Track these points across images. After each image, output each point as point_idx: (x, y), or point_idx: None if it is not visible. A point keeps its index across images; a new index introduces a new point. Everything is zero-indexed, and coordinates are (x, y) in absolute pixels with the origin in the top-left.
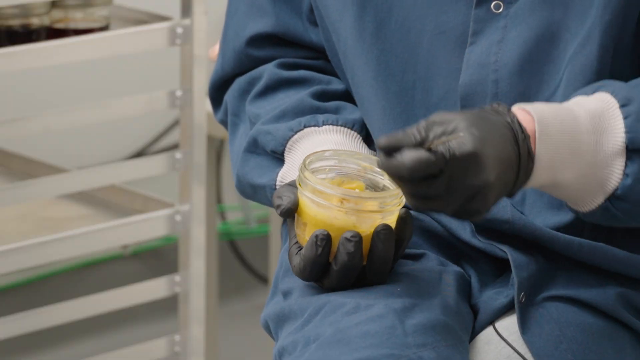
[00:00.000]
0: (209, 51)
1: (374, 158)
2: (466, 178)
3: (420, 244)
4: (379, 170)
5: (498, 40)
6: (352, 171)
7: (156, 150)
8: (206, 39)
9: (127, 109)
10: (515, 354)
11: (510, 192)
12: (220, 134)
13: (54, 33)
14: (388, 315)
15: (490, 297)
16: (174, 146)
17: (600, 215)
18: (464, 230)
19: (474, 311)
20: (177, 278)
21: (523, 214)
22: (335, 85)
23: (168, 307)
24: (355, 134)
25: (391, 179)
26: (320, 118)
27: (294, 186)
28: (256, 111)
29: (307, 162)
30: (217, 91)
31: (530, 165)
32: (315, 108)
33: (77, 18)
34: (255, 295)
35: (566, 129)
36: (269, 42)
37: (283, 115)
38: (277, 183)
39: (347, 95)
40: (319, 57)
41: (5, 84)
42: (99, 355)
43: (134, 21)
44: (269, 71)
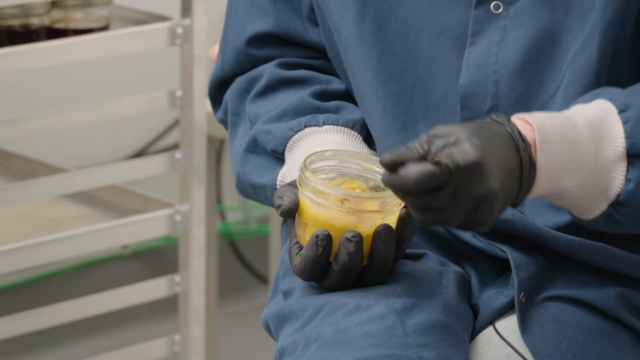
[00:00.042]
0: (209, 51)
1: (374, 158)
2: (470, 188)
3: (420, 244)
4: (379, 170)
5: (498, 40)
6: (353, 171)
7: (156, 150)
8: (206, 39)
9: (127, 109)
10: (515, 353)
11: (514, 202)
12: (220, 134)
13: (54, 33)
14: (388, 315)
15: (491, 297)
16: (174, 146)
17: (604, 222)
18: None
19: (474, 311)
20: (177, 278)
21: (523, 214)
22: (336, 85)
23: (168, 307)
24: (356, 133)
25: (396, 194)
26: (321, 118)
27: (295, 186)
28: (256, 111)
29: (308, 162)
30: (217, 91)
31: (533, 174)
32: (315, 108)
33: (77, 18)
34: (255, 295)
35: (566, 138)
36: (269, 42)
37: (283, 115)
38: (278, 183)
39: (348, 95)
40: (319, 57)
41: (5, 84)
42: (99, 355)
43: (134, 21)
44: (269, 71)
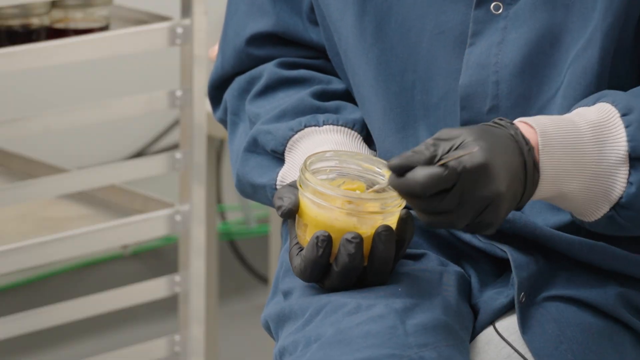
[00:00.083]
0: (209, 51)
1: (374, 159)
2: (478, 190)
3: (420, 244)
4: (380, 171)
5: (498, 41)
6: (353, 172)
7: (156, 150)
8: (206, 39)
9: (127, 109)
10: (515, 353)
11: (518, 205)
12: (220, 134)
13: (54, 33)
14: (389, 316)
15: (491, 297)
16: (174, 146)
17: (606, 224)
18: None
19: (474, 311)
20: (177, 278)
21: (523, 214)
22: (336, 84)
23: (168, 307)
24: (356, 134)
25: (404, 197)
26: (321, 118)
27: (295, 187)
28: (256, 110)
29: (308, 163)
30: (217, 90)
31: (537, 176)
32: (315, 108)
33: (77, 18)
34: (255, 295)
35: (568, 141)
36: (269, 42)
37: (283, 115)
38: (278, 183)
39: (348, 95)
40: (319, 57)
41: (5, 84)
42: (99, 355)
43: (134, 21)
44: (269, 70)
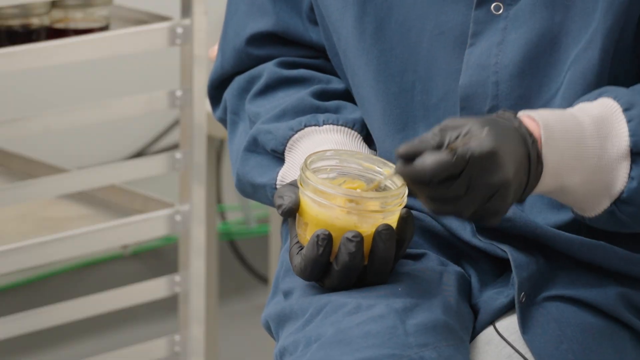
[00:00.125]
0: (209, 51)
1: (375, 158)
2: (485, 177)
3: (420, 243)
4: (380, 170)
5: (498, 42)
6: (354, 171)
7: (156, 150)
8: (206, 39)
9: (127, 109)
10: (515, 353)
11: (520, 197)
12: (220, 134)
13: (54, 33)
14: (389, 315)
15: (491, 297)
16: (174, 146)
17: (606, 219)
18: (464, 230)
19: (475, 311)
20: (177, 278)
21: (524, 213)
22: (335, 84)
23: (168, 307)
24: (356, 133)
25: (410, 185)
26: (321, 117)
27: (295, 186)
28: (256, 110)
29: (309, 162)
30: (216, 89)
31: (540, 169)
32: (315, 107)
33: (77, 18)
34: (255, 295)
35: (571, 135)
36: (269, 41)
37: (283, 115)
38: (278, 182)
39: (347, 95)
40: (318, 56)
41: (5, 84)
42: (99, 355)
43: (134, 21)
44: (268, 70)
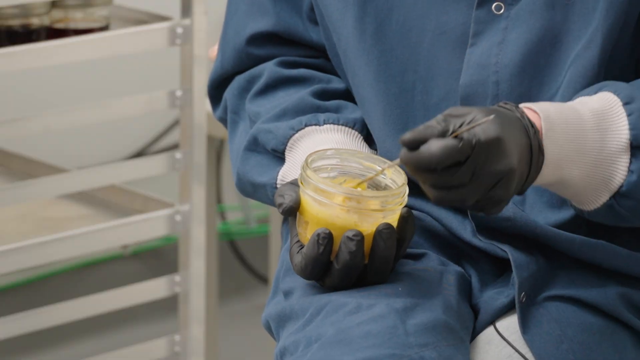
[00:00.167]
0: (209, 51)
1: (375, 157)
2: (491, 163)
3: (421, 243)
4: (380, 169)
5: (499, 41)
6: (354, 170)
7: (156, 150)
8: (206, 39)
9: (127, 109)
10: (516, 353)
11: (522, 188)
12: (220, 134)
13: (54, 33)
14: (389, 315)
15: (491, 297)
16: (174, 146)
17: (605, 213)
18: (464, 229)
19: (475, 311)
20: (177, 278)
21: (524, 212)
22: (336, 84)
23: (168, 307)
24: (356, 133)
25: (414, 173)
26: (321, 117)
27: (296, 185)
28: (256, 109)
29: (309, 161)
30: (216, 89)
31: (541, 159)
32: (315, 107)
33: (77, 18)
34: (255, 295)
35: (571, 127)
36: (269, 41)
37: (284, 114)
38: (278, 182)
39: (348, 94)
40: (319, 56)
41: (5, 84)
42: (99, 355)
43: (134, 21)
44: (269, 69)
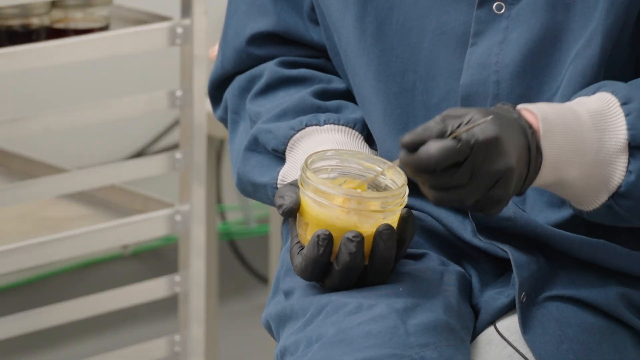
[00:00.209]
0: (209, 51)
1: (375, 158)
2: (489, 163)
3: (421, 243)
4: (380, 170)
5: (499, 41)
6: (354, 171)
7: (156, 150)
8: (206, 39)
9: (127, 109)
10: (516, 353)
11: (521, 189)
12: (220, 134)
13: (54, 33)
14: (390, 315)
15: (492, 297)
16: (174, 146)
17: (604, 213)
18: (465, 230)
19: (475, 311)
20: (177, 278)
21: (524, 212)
22: (336, 84)
23: (168, 307)
24: (357, 133)
25: (413, 174)
26: (322, 117)
27: (296, 186)
28: (257, 109)
29: (309, 162)
30: (217, 89)
31: (540, 159)
32: (316, 107)
33: (77, 18)
34: (255, 295)
35: (569, 128)
36: (269, 41)
37: (284, 114)
38: (278, 182)
39: (348, 94)
40: (319, 56)
41: (5, 84)
42: (99, 355)
43: (134, 21)
44: (269, 69)
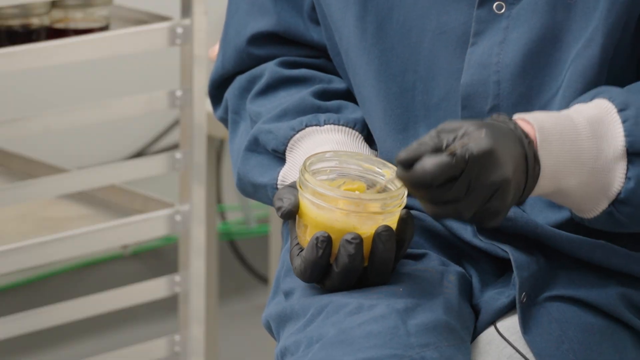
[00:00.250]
0: (209, 51)
1: (375, 159)
2: (485, 176)
3: (421, 243)
4: (380, 171)
5: (500, 41)
6: (354, 172)
7: (156, 150)
8: (206, 39)
9: (127, 109)
10: (516, 354)
11: (520, 198)
12: (220, 133)
13: (54, 33)
14: (391, 316)
15: (492, 297)
16: (174, 146)
17: (605, 220)
18: (465, 230)
19: (476, 311)
20: (177, 278)
21: (525, 212)
22: (337, 84)
23: (168, 307)
24: (357, 133)
25: (410, 190)
26: (322, 117)
27: (295, 188)
28: (257, 109)
29: (308, 164)
30: (217, 89)
31: (537, 170)
32: (316, 107)
33: (77, 18)
34: (255, 295)
35: (566, 137)
36: (270, 41)
37: (284, 114)
38: (279, 182)
39: (348, 94)
40: (320, 56)
41: (5, 84)
42: (99, 355)
43: (134, 21)
44: (270, 69)
